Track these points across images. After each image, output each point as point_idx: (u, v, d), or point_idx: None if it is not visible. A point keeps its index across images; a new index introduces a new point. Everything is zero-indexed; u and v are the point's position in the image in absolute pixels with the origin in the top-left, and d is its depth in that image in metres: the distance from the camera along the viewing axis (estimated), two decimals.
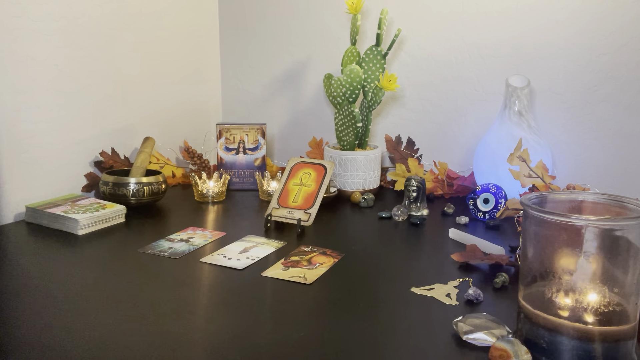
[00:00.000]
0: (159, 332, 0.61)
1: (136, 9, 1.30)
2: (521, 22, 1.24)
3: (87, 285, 0.74)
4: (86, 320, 0.64)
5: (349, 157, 1.24)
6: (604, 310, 0.53)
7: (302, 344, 0.59)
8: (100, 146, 1.23)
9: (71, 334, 0.61)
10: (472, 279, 0.78)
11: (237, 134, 1.34)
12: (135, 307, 0.68)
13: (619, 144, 1.19)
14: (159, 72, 1.40)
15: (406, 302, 0.70)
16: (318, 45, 1.48)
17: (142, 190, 1.10)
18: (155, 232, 0.98)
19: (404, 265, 0.83)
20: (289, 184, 1.07)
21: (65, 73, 1.13)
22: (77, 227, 0.96)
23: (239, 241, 0.94)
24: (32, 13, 1.05)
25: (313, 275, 0.78)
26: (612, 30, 1.16)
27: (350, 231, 1.02)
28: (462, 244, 0.93)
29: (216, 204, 1.20)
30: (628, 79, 1.16)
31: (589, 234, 0.53)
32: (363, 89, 1.27)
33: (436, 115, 1.37)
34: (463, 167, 1.35)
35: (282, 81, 1.55)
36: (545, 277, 0.56)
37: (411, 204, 1.11)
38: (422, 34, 1.35)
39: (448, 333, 0.62)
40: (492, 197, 1.07)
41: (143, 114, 1.36)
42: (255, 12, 1.54)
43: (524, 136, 1.12)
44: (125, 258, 0.85)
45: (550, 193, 0.63)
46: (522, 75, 1.17)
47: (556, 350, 0.54)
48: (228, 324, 0.64)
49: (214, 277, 0.78)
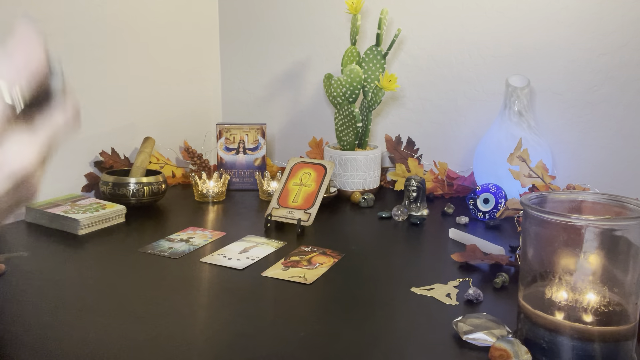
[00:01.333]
0: (159, 332, 0.61)
1: (136, 9, 1.30)
2: (521, 22, 1.24)
3: (87, 285, 0.74)
4: (86, 320, 0.64)
5: (349, 157, 1.24)
6: (604, 310, 0.53)
7: (302, 344, 0.59)
8: (100, 146, 1.23)
9: (71, 334, 0.61)
10: (472, 279, 0.78)
11: (237, 134, 1.34)
12: (135, 307, 0.68)
13: (619, 144, 1.18)
14: (159, 72, 1.40)
15: (406, 302, 0.70)
16: (318, 45, 1.48)
17: (142, 190, 1.10)
18: (155, 232, 0.98)
19: (404, 265, 0.83)
20: (289, 184, 1.07)
21: (65, 73, 1.13)
22: (77, 227, 0.96)
23: (239, 241, 0.94)
24: (32, 13, 1.04)
25: (313, 275, 0.78)
26: (612, 30, 1.15)
27: (350, 231, 1.02)
28: (462, 244, 0.93)
29: (216, 204, 1.20)
30: (628, 79, 1.16)
31: (589, 234, 0.53)
32: (363, 89, 1.27)
33: (436, 115, 1.37)
34: (463, 167, 1.35)
35: (282, 81, 1.55)
36: (545, 277, 0.56)
37: (411, 204, 1.11)
38: (422, 34, 1.35)
39: (448, 333, 0.62)
40: (492, 197, 1.07)
41: (143, 114, 1.36)
42: (255, 12, 1.54)
43: (524, 136, 1.12)
44: (125, 258, 0.85)
45: (550, 193, 0.63)
46: (522, 75, 1.17)
47: (556, 350, 0.54)
48: (228, 324, 0.64)
49: (214, 277, 0.78)
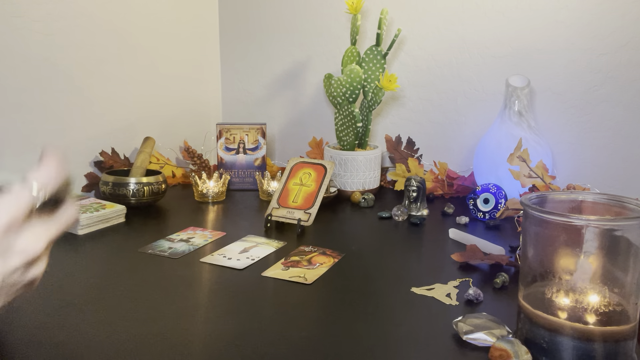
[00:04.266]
0: (159, 332, 0.61)
1: (136, 9, 1.30)
2: (521, 22, 1.24)
3: (86, 285, 0.74)
4: (86, 320, 0.64)
5: (349, 157, 1.24)
6: (604, 311, 0.53)
7: (303, 344, 0.59)
8: (100, 146, 1.23)
9: (70, 333, 0.61)
10: (472, 279, 0.78)
11: (237, 134, 1.34)
12: (134, 307, 0.68)
13: (619, 144, 1.18)
14: (159, 72, 1.40)
15: (406, 302, 0.70)
16: (318, 45, 1.48)
17: (142, 190, 1.10)
18: (155, 232, 0.98)
19: (404, 265, 0.83)
20: (289, 184, 1.07)
21: (65, 73, 1.13)
22: (77, 227, 0.96)
23: (239, 241, 0.94)
24: (32, 13, 1.05)
25: (313, 275, 0.78)
26: (612, 30, 1.15)
27: (350, 231, 1.02)
28: (462, 244, 0.93)
29: (216, 204, 1.20)
30: (628, 79, 1.16)
31: (589, 234, 0.53)
32: (363, 89, 1.27)
33: (436, 115, 1.37)
34: (463, 167, 1.35)
35: (282, 81, 1.55)
36: (545, 277, 0.56)
37: (411, 204, 1.11)
38: (422, 34, 1.35)
39: (448, 333, 0.62)
40: (492, 197, 1.07)
41: (143, 114, 1.36)
42: (255, 12, 1.54)
43: (524, 136, 1.12)
44: (125, 258, 0.85)
45: (550, 193, 0.63)
46: (522, 75, 1.17)
47: (556, 350, 0.54)
48: (228, 324, 0.64)
49: (214, 277, 0.78)
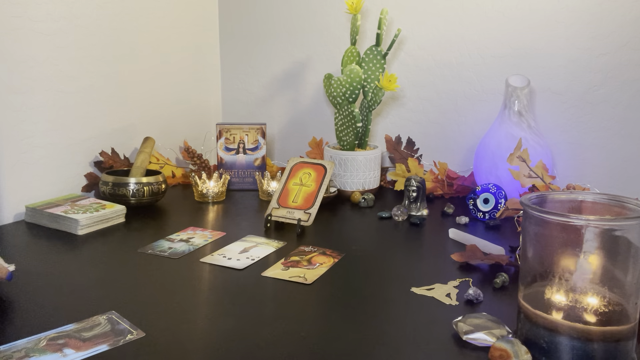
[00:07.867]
0: (159, 331, 0.61)
1: (136, 9, 1.30)
2: (521, 22, 1.24)
3: (86, 285, 0.74)
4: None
5: (349, 157, 1.24)
6: (604, 310, 0.53)
7: (303, 344, 0.59)
8: (100, 146, 1.23)
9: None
10: (472, 279, 0.78)
11: (237, 134, 1.33)
12: (134, 307, 0.68)
13: (619, 144, 1.18)
14: (159, 72, 1.40)
15: (406, 302, 0.70)
16: (318, 45, 1.48)
17: (142, 190, 1.10)
18: (155, 232, 0.98)
19: (404, 265, 0.83)
20: (289, 184, 1.07)
21: (65, 73, 1.13)
22: (77, 227, 0.96)
23: (239, 241, 0.94)
24: (32, 13, 1.05)
25: (313, 275, 0.78)
26: (612, 30, 1.15)
27: (350, 231, 1.02)
28: (462, 244, 0.93)
29: (216, 204, 1.20)
30: (628, 79, 1.16)
31: (589, 234, 0.53)
32: (363, 89, 1.27)
33: (436, 115, 1.37)
34: (463, 167, 1.35)
35: (282, 81, 1.55)
36: (545, 277, 0.56)
37: (411, 204, 1.11)
38: (422, 34, 1.35)
39: (448, 333, 0.62)
40: (492, 197, 1.07)
41: (143, 114, 1.36)
42: (255, 12, 1.54)
43: (524, 136, 1.12)
44: (125, 258, 0.85)
45: (550, 193, 0.63)
46: (522, 75, 1.17)
47: (556, 350, 0.54)
48: (228, 324, 0.64)
49: (214, 277, 0.78)
